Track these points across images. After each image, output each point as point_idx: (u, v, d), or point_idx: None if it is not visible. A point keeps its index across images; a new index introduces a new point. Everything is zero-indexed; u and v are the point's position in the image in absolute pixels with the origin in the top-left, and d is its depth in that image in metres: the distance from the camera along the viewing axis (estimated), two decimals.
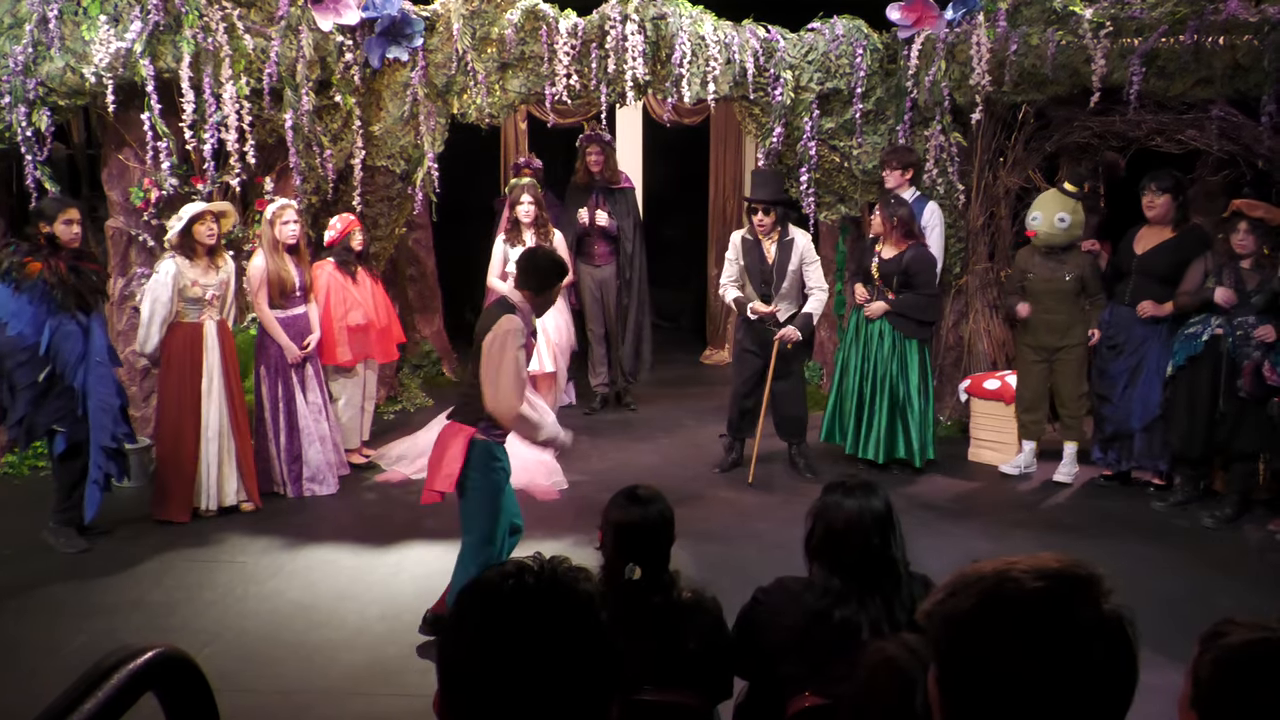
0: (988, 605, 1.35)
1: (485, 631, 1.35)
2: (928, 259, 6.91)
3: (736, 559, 5.56)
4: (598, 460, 7.47)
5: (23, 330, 5.58)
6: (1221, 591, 5.27)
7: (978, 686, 1.35)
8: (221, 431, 6.34)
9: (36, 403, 5.67)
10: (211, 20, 6.90)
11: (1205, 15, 6.86)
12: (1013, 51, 7.24)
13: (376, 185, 7.77)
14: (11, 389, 5.69)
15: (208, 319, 6.27)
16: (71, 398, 5.72)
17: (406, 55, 7.53)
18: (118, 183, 7.16)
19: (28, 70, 6.62)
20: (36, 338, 5.59)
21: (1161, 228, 6.63)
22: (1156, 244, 6.61)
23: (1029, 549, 1.46)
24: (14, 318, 5.59)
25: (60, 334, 5.65)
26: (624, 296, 8.66)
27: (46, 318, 5.62)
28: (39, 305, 5.60)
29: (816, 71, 7.79)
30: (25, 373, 5.62)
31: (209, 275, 6.24)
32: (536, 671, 1.32)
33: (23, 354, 5.60)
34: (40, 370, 5.62)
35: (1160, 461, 6.78)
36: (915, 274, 6.86)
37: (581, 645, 1.36)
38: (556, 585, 1.38)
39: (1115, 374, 6.80)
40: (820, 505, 2.97)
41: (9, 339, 5.59)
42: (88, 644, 4.69)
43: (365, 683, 4.53)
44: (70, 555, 5.79)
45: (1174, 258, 6.52)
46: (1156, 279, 6.58)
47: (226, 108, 6.95)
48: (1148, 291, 6.60)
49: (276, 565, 5.77)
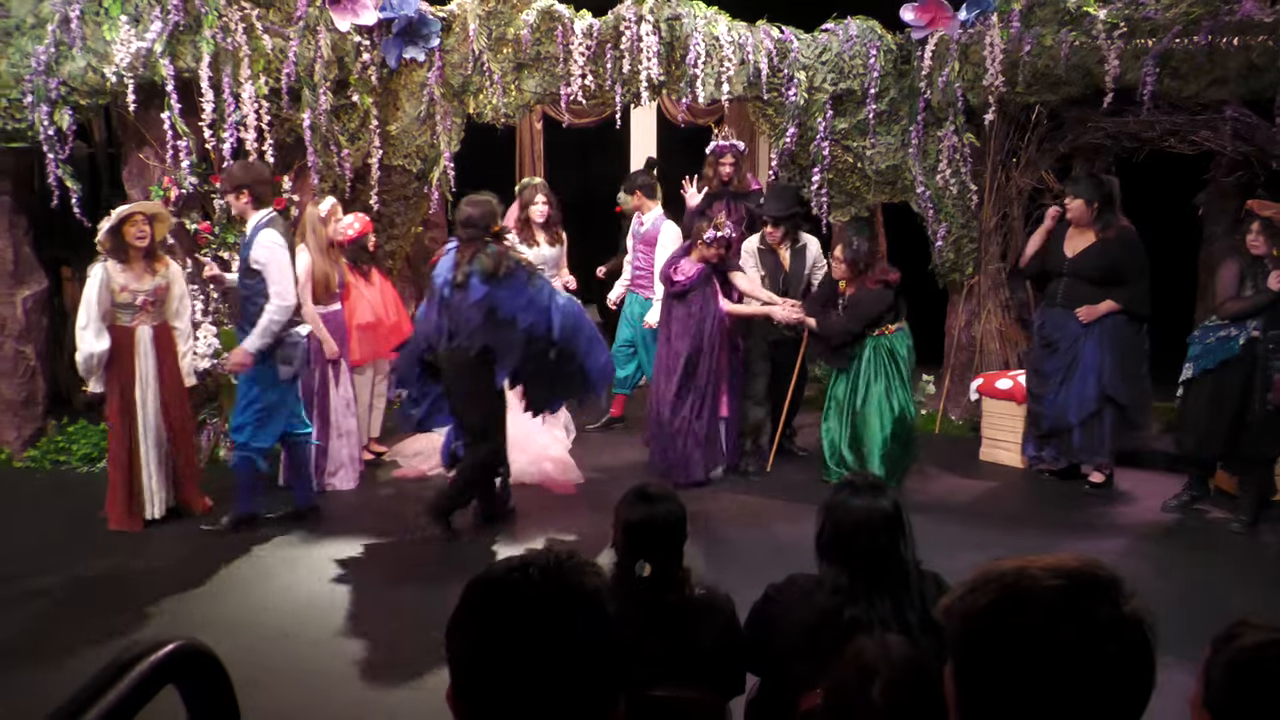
0: (1005, 603, 1.35)
1: (491, 624, 1.36)
2: (868, 299, 6.71)
3: (748, 556, 5.56)
4: (610, 457, 7.48)
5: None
6: (1231, 592, 5.26)
7: (994, 683, 1.35)
8: (159, 439, 6.16)
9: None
10: (231, 21, 6.92)
11: (1220, 16, 6.83)
12: (1026, 52, 7.21)
13: (393, 184, 7.79)
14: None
15: (140, 324, 6.04)
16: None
17: (423, 55, 7.55)
18: (138, 181, 7.18)
19: (50, 70, 6.65)
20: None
21: (1085, 230, 6.64)
22: (1085, 247, 6.64)
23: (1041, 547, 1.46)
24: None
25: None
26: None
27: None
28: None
29: (830, 72, 7.79)
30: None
31: (143, 280, 6.01)
32: (542, 664, 1.33)
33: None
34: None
35: (1098, 456, 6.80)
36: (848, 307, 6.78)
37: (586, 639, 1.36)
38: (562, 579, 1.38)
39: (1049, 372, 6.82)
40: (829, 504, 2.97)
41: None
42: (108, 638, 4.70)
43: (381, 671, 4.55)
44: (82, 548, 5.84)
45: (1102, 260, 6.57)
46: (1087, 280, 6.61)
47: (245, 107, 6.97)
48: (1079, 292, 6.64)
49: (294, 556, 5.80)
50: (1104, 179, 6.69)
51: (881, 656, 2.18)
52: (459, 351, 5.83)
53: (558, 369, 5.94)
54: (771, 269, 7.12)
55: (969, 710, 1.38)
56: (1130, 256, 6.55)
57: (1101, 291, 6.58)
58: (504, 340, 5.80)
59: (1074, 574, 1.35)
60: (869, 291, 6.67)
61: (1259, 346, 6.08)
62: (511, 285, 5.76)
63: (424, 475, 7.11)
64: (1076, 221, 6.65)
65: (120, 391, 6.04)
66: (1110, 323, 6.59)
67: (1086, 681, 1.30)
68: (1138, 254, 6.56)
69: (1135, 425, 6.68)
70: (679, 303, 6.80)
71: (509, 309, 5.73)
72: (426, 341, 5.95)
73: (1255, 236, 6.14)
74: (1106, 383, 6.58)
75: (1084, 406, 6.65)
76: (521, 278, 5.79)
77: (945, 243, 7.98)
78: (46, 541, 5.98)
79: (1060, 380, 6.76)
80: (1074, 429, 6.73)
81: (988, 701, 1.36)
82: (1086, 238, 6.65)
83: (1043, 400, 6.87)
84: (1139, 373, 6.67)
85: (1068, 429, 6.77)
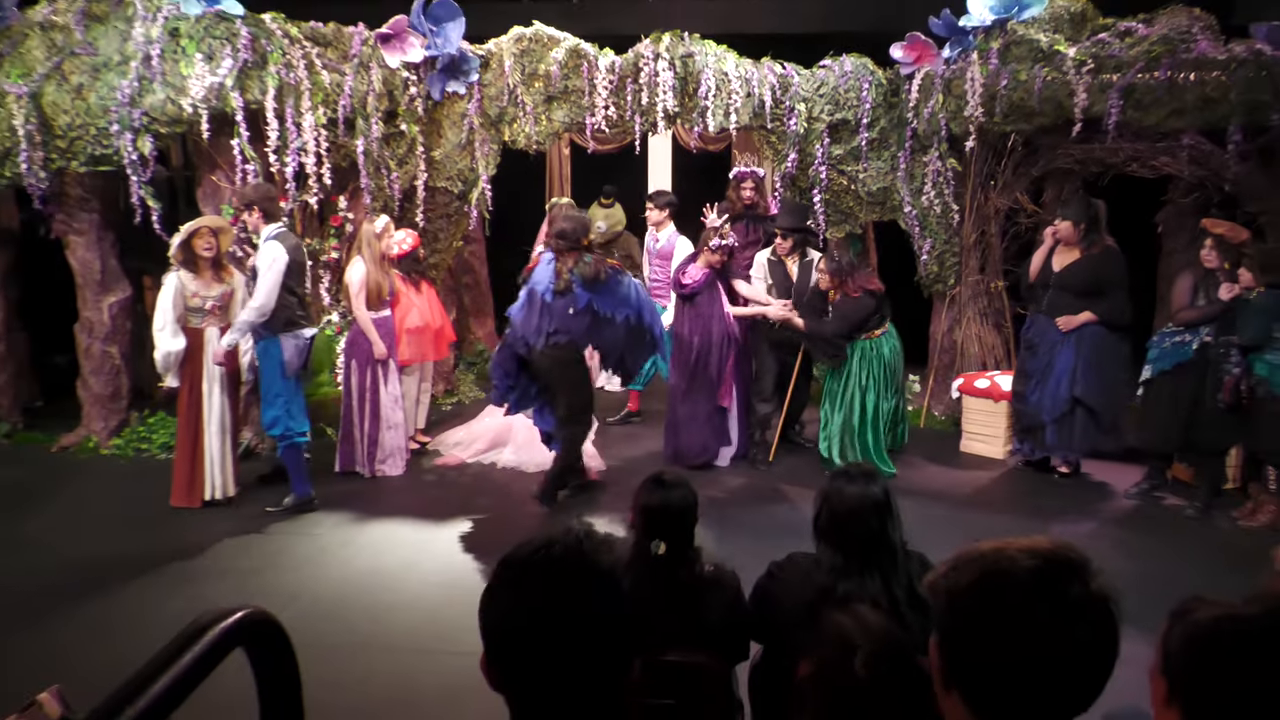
0: (986, 580, 1.34)
1: (517, 598, 1.37)
2: (851, 305, 6.69)
3: (752, 536, 5.55)
4: (628, 448, 7.47)
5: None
6: (1186, 571, 5.22)
7: (975, 652, 1.35)
8: (224, 427, 6.21)
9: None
10: (293, 58, 6.96)
11: (1178, 54, 6.78)
12: (1003, 86, 7.18)
13: (437, 204, 7.81)
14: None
15: (208, 326, 6.08)
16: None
17: (464, 89, 7.57)
18: (210, 201, 7.22)
19: (133, 102, 6.69)
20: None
21: (1072, 248, 6.58)
22: (1070, 262, 6.58)
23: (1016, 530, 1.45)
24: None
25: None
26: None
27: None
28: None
29: (827, 104, 7.77)
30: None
31: (211, 287, 6.08)
32: (562, 633, 1.33)
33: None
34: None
35: (1068, 452, 6.75)
36: (835, 313, 6.76)
37: (601, 611, 1.36)
38: (581, 557, 1.38)
39: (1030, 372, 6.78)
40: (826, 491, 2.96)
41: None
42: (183, 606, 4.72)
43: (425, 639, 4.57)
44: (160, 527, 5.87)
45: (1085, 274, 6.50)
46: (1071, 292, 6.55)
47: (306, 135, 7.00)
48: (1063, 302, 6.58)
49: (348, 537, 5.82)
50: (1092, 202, 6.62)
51: (859, 630, 2.16)
52: (559, 349, 5.97)
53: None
54: (780, 280, 7.06)
55: (952, 676, 1.38)
56: (1111, 272, 6.47)
57: (1083, 302, 6.50)
58: (607, 336, 6.07)
59: (1047, 555, 1.34)
60: (852, 299, 6.67)
61: (1211, 351, 6.04)
62: (608, 288, 5.94)
63: (462, 463, 7.14)
64: (1065, 240, 6.59)
65: (190, 385, 6.09)
66: (1088, 332, 6.52)
67: (1058, 651, 1.30)
68: (1118, 270, 6.49)
69: (1106, 429, 6.60)
70: (689, 304, 6.83)
71: (608, 309, 5.97)
72: (525, 340, 6.03)
73: (1209, 251, 6.11)
74: (1078, 386, 6.53)
75: (1056, 407, 6.61)
76: (615, 280, 5.99)
77: (930, 257, 7.95)
78: (128, 519, 6.03)
79: (1037, 381, 6.72)
80: (1047, 426, 6.69)
81: (969, 669, 1.36)
82: (1073, 254, 6.58)
83: (1023, 399, 6.84)
84: (1116, 379, 6.56)
85: (1041, 426, 6.73)
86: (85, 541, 5.70)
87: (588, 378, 6.32)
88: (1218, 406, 5.93)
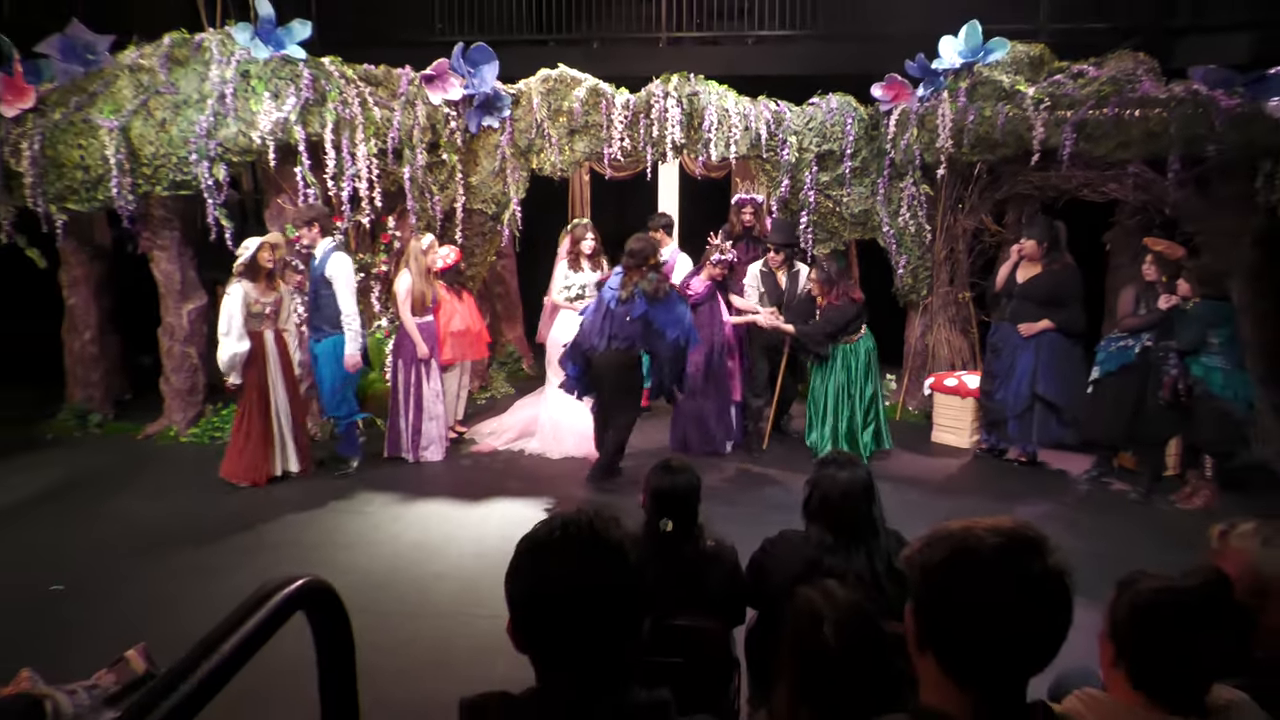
0: (955, 556, 1.34)
1: (537, 572, 1.37)
2: (837, 310, 6.63)
3: (749, 515, 5.54)
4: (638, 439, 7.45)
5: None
6: (1131, 548, 5.18)
7: (945, 619, 1.34)
8: (285, 413, 6.29)
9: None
10: (349, 96, 6.98)
11: (1125, 93, 6.75)
12: (970, 121, 7.15)
13: (474, 223, 7.81)
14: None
15: (266, 329, 6.16)
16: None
17: (497, 123, 7.57)
18: (276, 221, 7.24)
19: (210, 134, 6.72)
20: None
21: (1035, 263, 6.53)
22: (1033, 275, 6.53)
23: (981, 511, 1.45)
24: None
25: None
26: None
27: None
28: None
29: (815, 136, 7.75)
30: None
31: (267, 295, 6.15)
32: (578, 601, 1.34)
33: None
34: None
35: (1027, 443, 6.71)
36: (822, 317, 6.69)
37: (613, 581, 1.36)
38: (594, 534, 1.38)
39: (995, 373, 6.74)
40: (816, 476, 2.96)
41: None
42: (250, 575, 4.71)
43: (464, 604, 4.57)
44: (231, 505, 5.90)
45: (1048, 287, 6.46)
46: (1033, 302, 6.50)
47: (359, 163, 7.02)
48: (1025, 311, 6.53)
49: (396, 514, 5.83)
50: (1054, 224, 6.58)
51: (826, 602, 2.13)
52: (615, 352, 6.00)
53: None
54: (771, 289, 7.07)
55: (926, 640, 1.37)
56: (1070, 287, 6.43)
57: (1043, 311, 6.46)
58: (659, 347, 6.02)
59: (1010, 533, 1.34)
60: (837, 306, 6.65)
61: (1151, 354, 6.01)
62: (665, 304, 5.94)
63: (494, 450, 7.13)
64: (1029, 256, 6.55)
65: (256, 380, 6.16)
66: (1046, 338, 6.47)
67: (1020, 618, 1.29)
68: (1076, 286, 6.45)
69: (1067, 422, 6.56)
70: (693, 313, 6.79)
71: (662, 323, 5.95)
72: (590, 340, 6.07)
73: (1149, 266, 6.09)
74: (1039, 385, 6.48)
75: (1018, 403, 6.57)
76: (672, 299, 6.00)
77: (905, 271, 7.93)
78: (203, 499, 6.04)
79: (1001, 381, 6.68)
80: (1009, 420, 6.66)
81: (941, 633, 1.35)
82: (1035, 269, 6.53)
83: (990, 396, 6.80)
84: (1073, 380, 6.49)
85: (1004, 420, 6.70)
86: (164, 517, 5.72)
87: (640, 382, 6.33)
88: (1159, 403, 5.90)
